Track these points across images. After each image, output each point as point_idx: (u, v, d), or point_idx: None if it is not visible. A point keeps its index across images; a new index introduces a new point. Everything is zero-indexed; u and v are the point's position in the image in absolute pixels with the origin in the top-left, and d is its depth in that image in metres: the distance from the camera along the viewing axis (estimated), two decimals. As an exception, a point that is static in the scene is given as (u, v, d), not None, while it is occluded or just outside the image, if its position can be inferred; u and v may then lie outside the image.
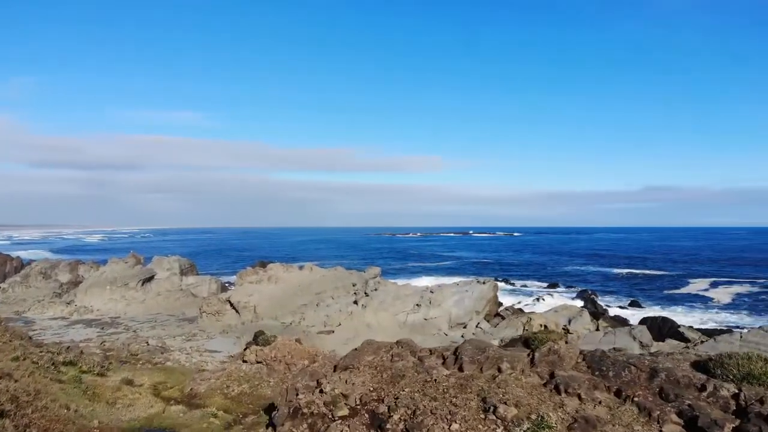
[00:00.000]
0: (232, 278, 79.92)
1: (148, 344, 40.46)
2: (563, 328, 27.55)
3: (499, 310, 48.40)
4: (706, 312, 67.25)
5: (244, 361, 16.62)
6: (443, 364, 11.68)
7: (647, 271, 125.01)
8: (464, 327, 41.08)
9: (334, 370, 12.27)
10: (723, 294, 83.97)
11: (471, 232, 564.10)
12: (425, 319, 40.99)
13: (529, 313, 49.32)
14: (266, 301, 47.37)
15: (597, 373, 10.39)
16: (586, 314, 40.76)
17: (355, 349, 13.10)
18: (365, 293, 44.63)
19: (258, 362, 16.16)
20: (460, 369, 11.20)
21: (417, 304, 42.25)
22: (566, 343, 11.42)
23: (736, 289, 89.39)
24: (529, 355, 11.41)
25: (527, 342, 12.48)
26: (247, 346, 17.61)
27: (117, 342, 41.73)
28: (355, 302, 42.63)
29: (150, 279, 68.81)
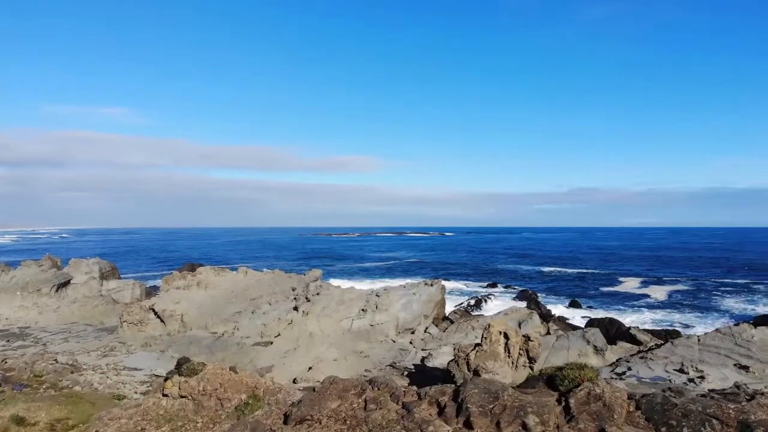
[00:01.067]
0: (159, 282, 74.20)
1: (56, 361, 35.39)
2: (524, 336, 25.43)
3: (446, 312, 46.39)
4: (647, 311, 68.11)
5: (165, 395, 13.16)
6: (440, 414, 8.40)
7: (580, 270, 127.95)
8: (412, 332, 38.58)
9: (285, 422, 9.02)
10: (658, 292, 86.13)
11: (408, 232, 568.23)
12: (371, 325, 38.18)
13: (477, 315, 47.65)
14: (195, 308, 43.14)
15: (664, 429, 7.65)
16: (536, 317, 39.34)
17: (313, 389, 9.81)
18: (306, 298, 41.33)
19: (182, 397, 12.79)
20: (468, 424, 7.78)
21: (362, 309, 39.38)
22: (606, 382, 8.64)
23: (668, 287, 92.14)
24: (560, 401, 8.51)
25: (551, 381, 9.56)
26: (168, 376, 14.11)
27: (21, 359, 36.38)
28: (296, 308, 39.25)
29: (66, 284, 62.44)
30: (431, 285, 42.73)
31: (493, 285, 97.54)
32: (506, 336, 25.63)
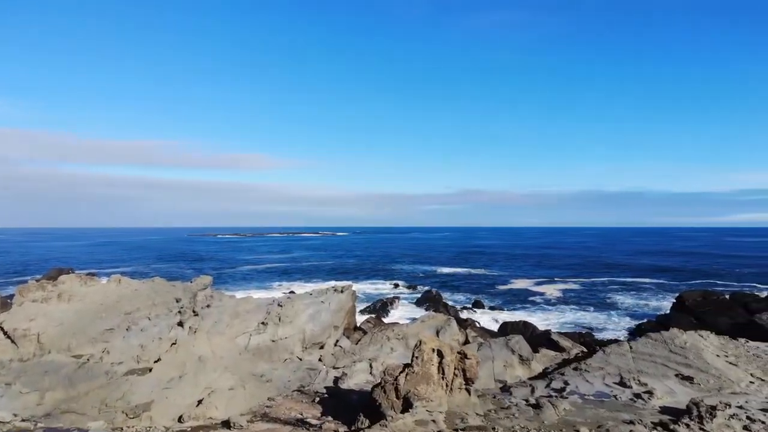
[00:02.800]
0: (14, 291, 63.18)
1: None
2: (459, 353, 22.04)
3: (357, 321, 42.34)
4: (550, 311, 68.37)
5: None
6: None
7: (473, 270, 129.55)
8: (321, 347, 34.11)
9: None
10: (552, 291, 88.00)
11: (303, 232, 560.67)
12: (273, 341, 33.20)
13: (391, 324, 44.01)
14: (56, 326, 35.47)
15: None
16: (453, 324, 36.47)
17: None
18: (193, 311, 35.42)
19: None
20: None
21: (262, 322, 34.25)
22: None
23: (560, 286, 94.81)
24: None
25: None
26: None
27: None
28: (181, 324, 33.29)
29: None
30: (341, 291, 38.48)
31: (396, 285, 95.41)
32: (440, 354, 22.11)
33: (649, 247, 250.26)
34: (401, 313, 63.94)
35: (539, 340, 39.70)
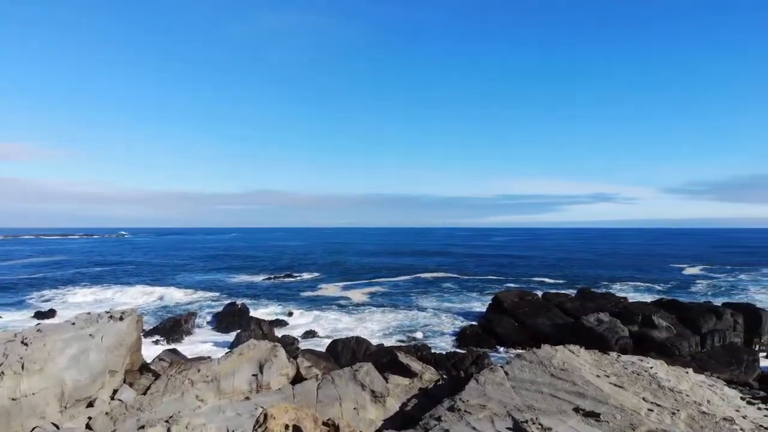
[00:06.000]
0: None
1: None
2: (326, 425, 14.64)
3: (146, 360, 31.43)
4: (367, 318, 62.53)
5: None
6: None
7: (276, 275, 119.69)
8: (91, 405, 23.43)
9: None
10: (360, 296, 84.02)
11: (72, 234, 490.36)
12: (13, 400, 21.75)
13: (195, 360, 33.95)
14: None
15: None
16: (281, 354, 28.43)
17: None
18: None
19: None
20: None
21: (-8, 373, 22.45)
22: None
23: (364, 289, 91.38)
24: None
25: None
26: None
27: None
28: None
29: None
30: (119, 318, 27.81)
31: (188, 296, 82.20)
32: (297, 430, 14.65)
33: (429, 246, 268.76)
34: (202, 336, 52.35)
35: (377, 357, 33.94)
